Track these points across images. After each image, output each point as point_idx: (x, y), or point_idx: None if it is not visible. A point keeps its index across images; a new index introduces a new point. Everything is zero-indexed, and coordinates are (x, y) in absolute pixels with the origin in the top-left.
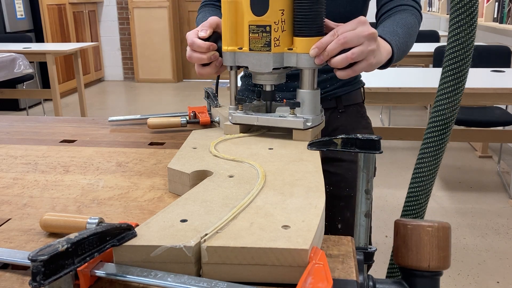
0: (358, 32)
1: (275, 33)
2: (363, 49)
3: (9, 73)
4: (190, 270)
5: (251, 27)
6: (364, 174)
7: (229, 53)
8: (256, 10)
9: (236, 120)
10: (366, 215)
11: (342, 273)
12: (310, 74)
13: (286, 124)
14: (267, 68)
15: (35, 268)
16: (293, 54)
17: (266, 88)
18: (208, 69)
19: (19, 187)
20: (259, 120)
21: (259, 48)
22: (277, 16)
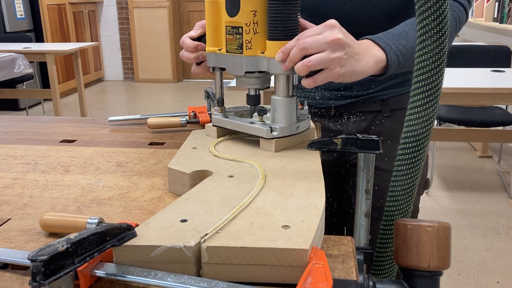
0: (320, 37)
1: (247, 35)
2: (323, 56)
3: (9, 73)
4: (190, 270)
5: (227, 28)
6: (364, 174)
7: (211, 54)
8: (229, 10)
9: (214, 122)
10: (366, 215)
11: (342, 273)
12: (283, 80)
13: (252, 131)
14: (240, 71)
15: (35, 268)
16: (265, 58)
17: (250, 92)
18: (199, 68)
19: (19, 187)
20: (231, 125)
21: (233, 50)
22: (249, 18)
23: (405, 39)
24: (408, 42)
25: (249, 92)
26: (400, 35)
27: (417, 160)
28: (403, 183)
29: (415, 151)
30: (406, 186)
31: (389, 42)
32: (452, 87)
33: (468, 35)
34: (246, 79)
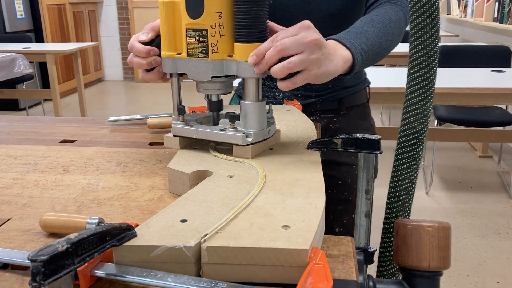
0: (298, 38)
1: (212, 38)
2: (303, 58)
3: (9, 73)
4: (190, 270)
5: (188, 31)
6: (364, 174)
7: (168, 59)
8: (191, 12)
9: (176, 132)
10: (366, 215)
11: (342, 273)
12: (253, 84)
13: (225, 139)
14: (205, 77)
15: (35, 268)
16: (233, 62)
17: (212, 98)
18: (151, 75)
19: (19, 187)
20: (198, 133)
21: (196, 54)
22: (214, 19)
23: (366, 37)
24: (369, 40)
25: (211, 98)
26: (361, 34)
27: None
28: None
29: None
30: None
31: (353, 42)
32: (452, 87)
33: (468, 35)
34: (209, 85)
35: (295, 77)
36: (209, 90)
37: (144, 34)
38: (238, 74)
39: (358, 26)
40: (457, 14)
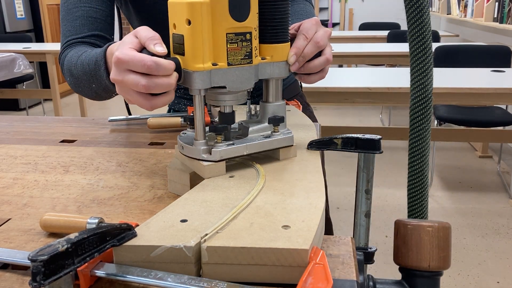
0: (324, 33)
1: (255, 41)
2: (331, 50)
3: (9, 73)
4: (190, 270)
5: (229, 36)
6: (364, 174)
7: (201, 73)
8: (236, 13)
9: (222, 155)
10: (366, 215)
11: (342, 273)
12: (280, 84)
13: (277, 144)
14: (248, 85)
15: (35, 268)
16: (269, 64)
17: (226, 110)
18: (168, 96)
19: (19, 187)
20: (248, 148)
21: (238, 61)
22: (256, 21)
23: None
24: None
25: (224, 110)
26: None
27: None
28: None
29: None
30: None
31: None
32: (452, 87)
33: (468, 35)
34: (226, 95)
35: (323, 70)
36: (227, 101)
37: (159, 45)
38: (272, 76)
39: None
40: (457, 14)
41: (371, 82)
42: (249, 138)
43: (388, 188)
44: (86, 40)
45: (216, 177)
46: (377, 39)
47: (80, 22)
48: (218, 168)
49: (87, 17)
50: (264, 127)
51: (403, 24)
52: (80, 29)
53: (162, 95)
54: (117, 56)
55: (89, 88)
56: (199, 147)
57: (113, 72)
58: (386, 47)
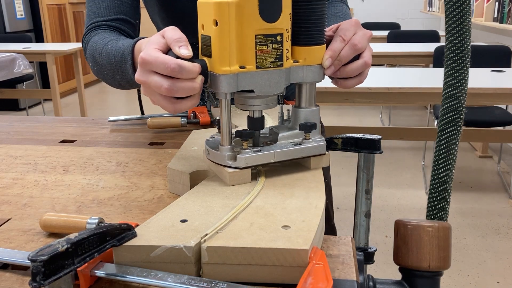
0: (362, 35)
1: (287, 43)
2: (371, 52)
3: (9, 73)
4: (190, 270)
5: (259, 37)
6: (364, 174)
7: (228, 76)
8: (267, 14)
9: (247, 162)
10: (366, 215)
11: (342, 273)
12: (314, 88)
13: (307, 153)
14: (278, 89)
15: (35, 268)
16: (300, 68)
17: (254, 115)
18: (192, 100)
19: (19, 187)
20: (276, 156)
21: (268, 65)
22: (288, 22)
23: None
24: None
25: (254, 115)
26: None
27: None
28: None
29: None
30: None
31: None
32: None
33: None
34: (257, 100)
35: (364, 72)
36: (256, 106)
37: (185, 47)
38: (305, 80)
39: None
40: None
41: (371, 82)
42: (278, 145)
43: (388, 188)
44: (110, 23)
45: (216, 177)
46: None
47: (106, 4)
48: (243, 175)
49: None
50: (295, 133)
51: (403, 24)
52: (106, 12)
53: (186, 99)
54: (142, 57)
55: (112, 78)
56: (224, 153)
57: (138, 73)
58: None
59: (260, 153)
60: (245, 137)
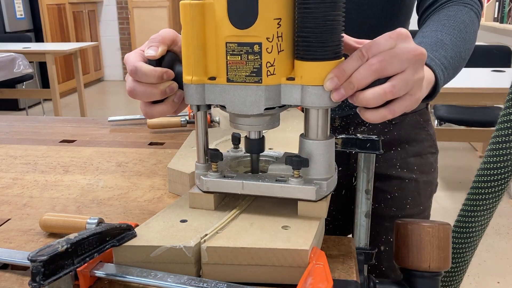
0: (399, 52)
1: (269, 55)
2: (407, 77)
3: (8, 73)
4: (190, 271)
5: (230, 45)
6: (364, 174)
7: (195, 86)
8: (237, 19)
9: (209, 187)
10: (366, 215)
11: (343, 273)
12: (322, 116)
13: (289, 193)
14: (256, 109)
15: (35, 268)
16: (296, 87)
17: (251, 135)
18: (161, 107)
19: (18, 187)
20: (245, 188)
21: (242, 79)
22: (271, 29)
23: (443, 49)
24: (448, 52)
25: (250, 135)
26: (436, 44)
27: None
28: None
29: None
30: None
31: (431, 56)
32: (452, 87)
33: None
34: (253, 119)
35: (394, 104)
36: (253, 126)
37: (152, 48)
38: (302, 104)
39: (429, 35)
40: None
41: None
42: (257, 176)
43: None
44: None
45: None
46: None
47: None
48: (205, 200)
49: None
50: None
51: None
52: None
53: (158, 104)
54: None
55: None
56: (196, 171)
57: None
58: None
59: (226, 180)
60: (212, 158)
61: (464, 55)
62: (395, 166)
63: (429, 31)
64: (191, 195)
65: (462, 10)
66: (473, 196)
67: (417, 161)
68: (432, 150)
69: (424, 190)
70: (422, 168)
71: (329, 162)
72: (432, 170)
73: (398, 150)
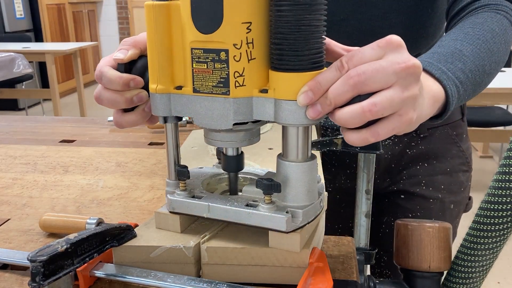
0: (385, 64)
1: (237, 63)
2: (394, 94)
3: (8, 73)
4: (190, 271)
5: (196, 52)
6: (364, 174)
7: (160, 96)
8: (201, 22)
9: (174, 208)
10: (367, 215)
11: (343, 273)
12: (300, 135)
13: (257, 221)
14: (224, 123)
15: (35, 268)
16: (269, 100)
17: (227, 152)
18: (131, 117)
19: (18, 187)
20: (211, 211)
21: (209, 89)
22: (239, 34)
23: (461, 61)
24: (467, 65)
25: (226, 152)
26: (453, 56)
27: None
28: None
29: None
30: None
31: (443, 68)
32: None
33: None
34: (227, 135)
35: (378, 126)
36: (226, 142)
37: (122, 51)
38: (276, 120)
39: (447, 45)
40: None
41: None
42: (228, 198)
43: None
44: None
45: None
46: None
47: None
48: (171, 221)
49: None
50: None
51: None
52: None
53: (128, 113)
54: None
55: None
56: (166, 188)
57: None
58: None
59: (193, 200)
60: (179, 176)
61: (489, 69)
62: (420, 183)
63: (448, 40)
64: (157, 215)
65: (493, 17)
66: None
67: (445, 180)
68: (464, 168)
69: (449, 210)
70: (450, 187)
71: (309, 187)
72: (462, 189)
73: (425, 166)
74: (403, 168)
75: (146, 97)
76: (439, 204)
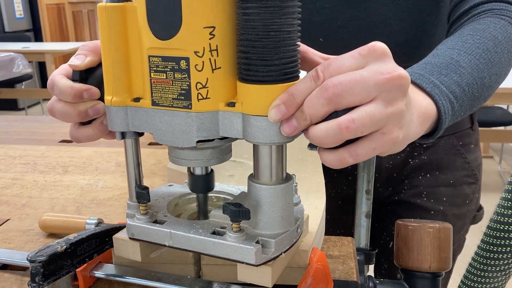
0: (365, 74)
1: (199, 73)
2: (375, 110)
3: (8, 73)
4: (190, 271)
5: (153, 60)
6: (364, 174)
7: (117, 109)
8: (157, 27)
9: (134, 233)
10: (367, 215)
11: (343, 274)
12: (275, 154)
13: (223, 252)
14: (186, 141)
15: (34, 269)
16: (236, 115)
17: (195, 171)
18: (88, 130)
19: (18, 187)
20: (173, 239)
21: (169, 102)
22: (201, 40)
23: (457, 73)
24: (462, 77)
25: (194, 171)
26: (448, 67)
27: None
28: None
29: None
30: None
31: (435, 81)
32: None
33: None
34: (192, 152)
35: (357, 145)
36: (191, 161)
37: (79, 57)
38: (245, 137)
39: (442, 54)
40: None
41: None
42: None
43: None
44: None
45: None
46: None
47: None
48: (131, 248)
49: None
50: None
51: None
52: None
53: (85, 126)
54: None
55: None
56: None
57: None
58: None
59: (153, 226)
60: (138, 199)
61: (489, 82)
62: (421, 194)
63: (444, 49)
64: (115, 240)
65: (496, 23)
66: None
67: (448, 192)
68: (470, 180)
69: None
70: (453, 200)
71: (283, 213)
72: (467, 202)
73: (427, 177)
74: (405, 178)
75: (103, 109)
76: (441, 217)
